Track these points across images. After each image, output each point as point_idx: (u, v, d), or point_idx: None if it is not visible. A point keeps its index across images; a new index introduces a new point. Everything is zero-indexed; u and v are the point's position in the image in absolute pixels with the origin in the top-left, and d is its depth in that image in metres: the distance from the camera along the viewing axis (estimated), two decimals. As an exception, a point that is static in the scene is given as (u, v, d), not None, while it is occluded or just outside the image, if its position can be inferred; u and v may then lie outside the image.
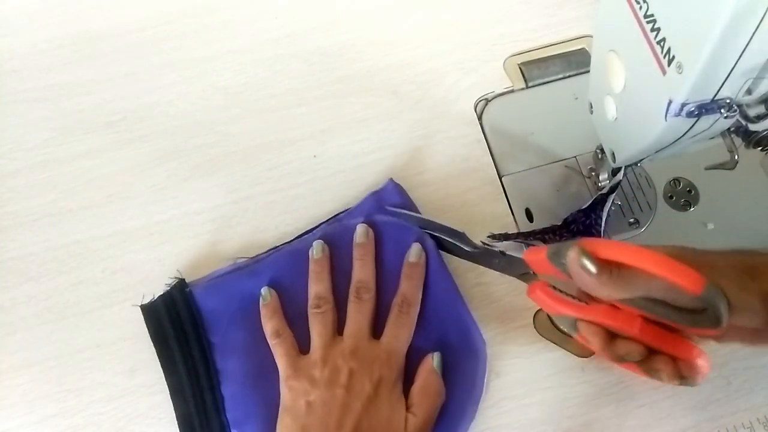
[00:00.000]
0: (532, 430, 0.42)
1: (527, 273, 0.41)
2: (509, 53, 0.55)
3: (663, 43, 0.30)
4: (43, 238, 0.48)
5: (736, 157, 0.36)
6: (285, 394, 0.40)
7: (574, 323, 0.38)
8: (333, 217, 0.48)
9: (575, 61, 0.54)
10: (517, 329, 0.45)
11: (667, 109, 0.31)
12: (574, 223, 0.46)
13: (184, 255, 0.47)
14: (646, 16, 0.31)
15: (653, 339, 0.35)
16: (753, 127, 0.33)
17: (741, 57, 0.28)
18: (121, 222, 0.49)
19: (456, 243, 0.44)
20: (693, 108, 0.31)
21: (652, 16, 0.30)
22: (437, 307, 0.44)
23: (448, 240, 0.45)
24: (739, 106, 0.31)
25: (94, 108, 0.53)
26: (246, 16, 0.57)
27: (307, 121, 0.53)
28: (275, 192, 0.50)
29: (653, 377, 0.36)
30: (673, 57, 0.29)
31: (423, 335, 0.43)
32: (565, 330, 0.40)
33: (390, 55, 0.55)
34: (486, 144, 0.52)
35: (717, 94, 0.30)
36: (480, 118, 0.53)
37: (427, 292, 0.44)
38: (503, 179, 0.50)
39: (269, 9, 0.58)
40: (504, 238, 0.46)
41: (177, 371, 0.43)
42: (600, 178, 0.47)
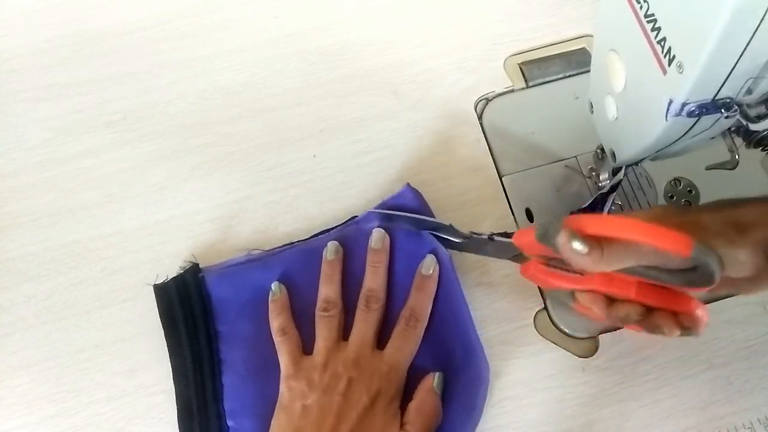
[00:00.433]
0: (532, 430, 0.42)
1: (519, 254, 0.41)
2: (509, 53, 0.55)
3: (663, 43, 0.30)
4: (43, 238, 0.48)
5: (736, 157, 0.36)
6: (284, 392, 0.40)
7: (571, 295, 0.38)
8: (350, 219, 0.47)
9: (575, 61, 0.54)
10: (518, 329, 0.45)
11: (668, 109, 0.31)
12: None
13: (183, 255, 0.47)
14: (646, 15, 0.31)
15: (650, 298, 0.36)
16: (753, 127, 0.33)
17: (741, 57, 0.28)
18: (121, 222, 0.49)
19: (445, 236, 0.44)
20: (693, 108, 0.31)
21: (652, 15, 0.30)
22: (445, 325, 0.43)
23: (437, 234, 0.45)
24: (740, 105, 0.31)
25: (93, 108, 0.53)
26: (246, 15, 0.57)
27: (307, 121, 0.52)
28: (275, 192, 0.50)
29: (656, 333, 0.36)
30: (674, 56, 0.29)
31: (427, 352, 0.42)
32: (565, 302, 0.40)
33: (390, 55, 0.55)
34: (486, 144, 0.51)
35: (717, 93, 0.30)
36: (480, 118, 0.53)
37: (437, 307, 0.43)
38: (503, 179, 0.50)
39: (269, 9, 0.58)
40: (504, 237, 0.46)
41: (182, 354, 0.43)
42: (600, 178, 0.47)
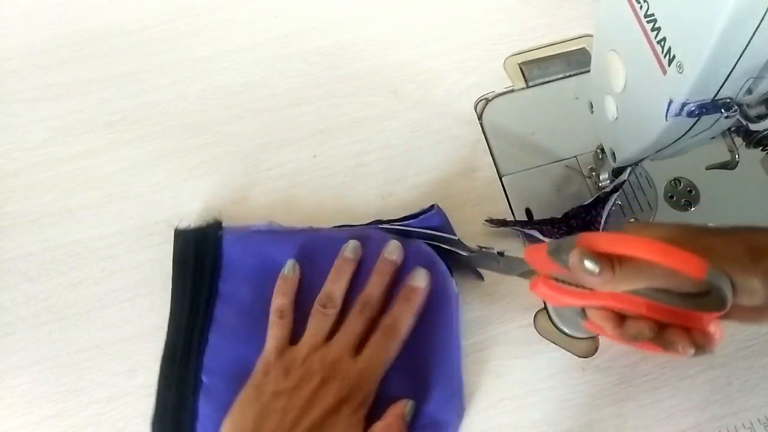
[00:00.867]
0: (532, 430, 0.42)
1: (529, 270, 0.41)
2: (509, 53, 0.55)
3: (663, 43, 0.30)
4: (43, 238, 0.48)
5: (736, 157, 0.36)
6: (258, 371, 0.41)
7: (581, 312, 0.38)
8: (374, 222, 0.47)
9: (575, 61, 0.54)
10: (517, 329, 0.45)
11: (668, 109, 0.31)
12: (574, 218, 0.46)
13: (183, 255, 0.47)
14: (646, 15, 0.31)
15: (662, 314, 0.35)
16: (753, 127, 0.33)
17: (741, 57, 0.28)
18: (121, 222, 0.49)
19: (453, 249, 0.44)
20: (693, 108, 0.31)
21: (652, 15, 0.30)
22: (431, 353, 0.42)
23: (444, 247, 0.44)
24: (740, 105, 0.31)
25: (93, 108, 0.53)
26: (246, 15, 0.57)
27: (307, 121, 0.52)
28: (275, 192, 0.50)
29: (669, 351, 0.35)
30: (674, 56, 0.29)
31: (407, 376, 0.41)
32: (574, 318, 0.39)
33: (390, 55, 0.55)
34: (486, 144, 0.51)
35: (717, 93, 0.30)
36: (480, 118, 0.53)
37: (431, 335, 0.42)
38: (503, 179, 0.50)
39: (269, 9, 0.58)
40: (502, 224, 0.47)
41: (183, 302, 0.44)
42: (600, 178, 0.47)
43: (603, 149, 0.44)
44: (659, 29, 0.30)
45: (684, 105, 0.31)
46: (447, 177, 0.50)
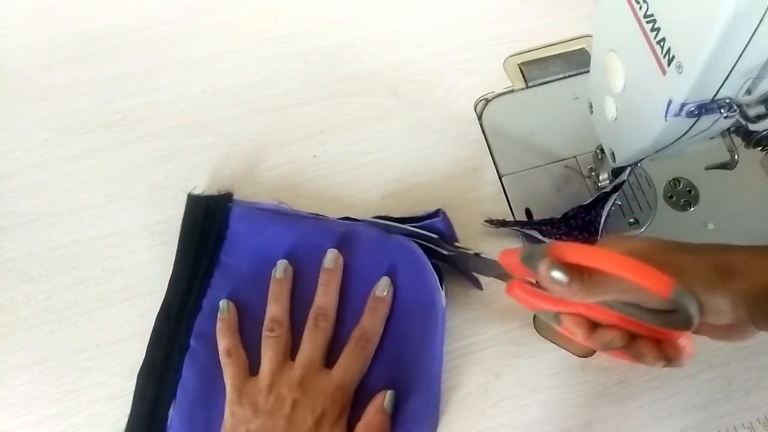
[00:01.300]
0: (532, 430, 0.42)
1: (505, 273, 0.41)
2: (509, 53, 0.55)
3: (663, 43, 0.30)
4: (43, 238, 0.48)
5: (736, 157, 0.36)
6: (227, 418, 0.40)
7: (556, 317, 0.38)
8: (379, 217, 0.47)
9: (575, 61, 0.54)
10: (517, 329, 0.45)
11: (667, 109, 0.31)
12: (573, 218, 0.46)
13: (183, 255, 0.47)
14: (645, 16, 0.31)
15: (633, 325, 0.35)
16: (753, 127, 0.33)
17: (741, 57, 0.28)
18: (121, 222, 0.49)
19: (433, 246, 0.44)
20: (693, 108, 0.31)
21: (652, 16, 0.30)
22: (409, 344, 0.42)
23: (425, 244, 0.44)
24: (739, 106, 0.31)
25: (93, 108, 0.53)
26: (246, 16, 0.58)
27: (307, 121, 0.53)
28: (275, 192, 0.50)
29: (639, 361, 0.36)
30: (673, 57, 0.29)
31: (383, 372, 0.42)
32: (550, 324, 0.40)
33: (390, 55, 0.55)
34: (486, 144, 0.52)
35: (717, 94, 0.30)
36: (480, 118, 0.53)
37: (410, 329, 0.43)
38: (503, 179, 0.50)
39: (269, 9, 0.58)
40: (501, 224, 0.47)
41: (184, 265, 0.45)
42: (600, 178, 0.47)
43: (602, 149, 0.44)
44: (659, 29, 0.30)
45: (683, 105, 0.31)
46: (447, 177, 0.50)
